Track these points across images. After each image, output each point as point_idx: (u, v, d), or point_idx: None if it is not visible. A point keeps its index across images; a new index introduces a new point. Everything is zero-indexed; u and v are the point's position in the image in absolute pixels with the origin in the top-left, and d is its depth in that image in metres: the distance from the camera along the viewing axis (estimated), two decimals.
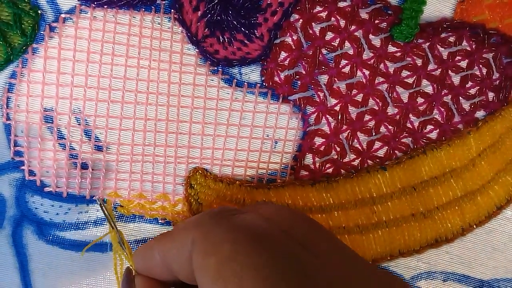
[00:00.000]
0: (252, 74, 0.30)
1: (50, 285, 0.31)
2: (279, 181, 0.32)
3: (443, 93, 0.31)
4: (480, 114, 0.32)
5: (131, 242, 0.32)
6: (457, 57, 0.31)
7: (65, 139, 0.30)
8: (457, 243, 0.34)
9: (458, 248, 0.34)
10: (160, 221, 0.32)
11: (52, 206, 0.31)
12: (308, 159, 0.32)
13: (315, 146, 0.31)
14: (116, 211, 0.31)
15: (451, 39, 0.31)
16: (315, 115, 0.31)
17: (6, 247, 0.31)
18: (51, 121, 0.29)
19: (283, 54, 0.30)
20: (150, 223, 0.32)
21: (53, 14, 0.28)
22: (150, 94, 0.29)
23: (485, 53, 0.31)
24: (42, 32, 0.28)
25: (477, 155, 0.32)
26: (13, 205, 0.30)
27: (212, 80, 0.30)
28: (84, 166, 0.30)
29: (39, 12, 0.27)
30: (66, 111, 0.29)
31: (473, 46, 0.31)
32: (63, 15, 0.28)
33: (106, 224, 0.31)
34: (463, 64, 0.31)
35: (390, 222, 0.32)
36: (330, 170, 0.32)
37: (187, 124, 0.30)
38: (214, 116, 0.30)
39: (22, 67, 0.28)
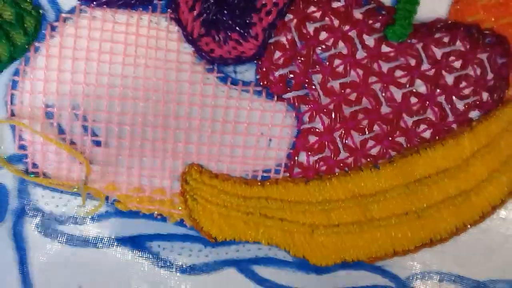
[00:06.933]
0: (247, 72, 0.31)
1: (47, 279, 0.33)
2: (273, 178, 0.32)
3: (436, 93, 0.31)
4: (474, 114, 0.32)
5: (125, 238, 0.33)
6: (451, 57, 0.31)
7: (65, 134, 0.31)
8: (452, 243, 0.34)
9: (453, 248, 0.34)
10: (156, 216, 0.33)
11: (53, 197, 0.32)
12: (302, 156, 0.32)
13: (309, 144, 0.32)
14: (114, 207, 0.32)
15: (445, 39, 0.31)
16: (309, 113, 0.31)
17: (7, 240, 0.32)
18: (52, 117, 0.30)
19: (277, 53, 0.30)
20: (145, 218, 0.33)
21: (54, 13, 0.29)
22: (147, 91, 0.30)
23: (480, 54, 0.31)
24: (43, 31, 0.29)
25: (471, 155, 0.32)
26: (16, 197, 0.32)
27: (207, 78, 0.31)
28: None
29: (41, 11, 0.29)
30: (67, 107, 0.30)
31: (467, 47, 0.31)
32: (63, 15, 0.29)
33: (103, 221, 0.32)
34: (457, 64, 0.31)
35: (384, 221, 0.33)
36: (323, 168, 0.32)
37: (183, 121, 0.31)
38: (210, 113, 0.31)
39: (25, 65, 0.29)
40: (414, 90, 0.31)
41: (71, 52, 0.29)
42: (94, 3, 0.29)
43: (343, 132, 0.32)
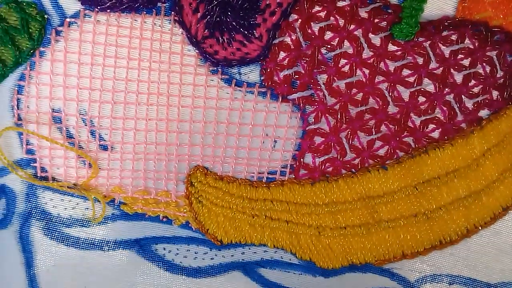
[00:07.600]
0: (252, 74, 0.30)
1: (54, 282, 0.33)
2: (278, 180, 0.32)
3: (445, 92, 0.31)
4: (484, 113, 0.32)
5: (131, 240, 0.33)
6: (460, 55, 0.30)
7: (73, 138, 0.31)
8: (462, 245, 0.33)
9: (463, 250, 0.34)
10: (161, 219, 0.33)
11: (62, 200, 0.32)
12: (308, 158, 0.32)
13: (315, 145, 0.31)
14: (120, 209, 0.32)
15: (453, 37, 0.30)
16: (314, 114, 0.31)
17: (13, 243, 0.32)
18: (59, 121, 0.30)
19: (282, 54, 0.30)
20: (151, 221, 0.33)
21: (59, 18, 0.29)
22: (151, 94, 0.30)
23: (489, 51, 0.31)
24: (48, 36, 0.29)
25: (481, 154, 0.31)
26: (23, 200, 0.32)
27: (211, 80, 0.30)
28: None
29: (46, 16, 0.29)
30: (73, 112, 0.30)
31: (476, 44, 0.30)
32: (68, 20, 0.29)
33: (109, 223, 0.32)
34: (466, 62, 0.31)
35: (392, 223, 0.32)
36: (330, 169, 0.32)
37: (187, 124, 0.31)
38: (214, 115, 0.31)
39: (30, 69, 0.30)
40: (422, 89, 0.31)
41: (76, 56, 0.29)
42: (98, 7, 0.29)
43: (349, 132, 0.31)
